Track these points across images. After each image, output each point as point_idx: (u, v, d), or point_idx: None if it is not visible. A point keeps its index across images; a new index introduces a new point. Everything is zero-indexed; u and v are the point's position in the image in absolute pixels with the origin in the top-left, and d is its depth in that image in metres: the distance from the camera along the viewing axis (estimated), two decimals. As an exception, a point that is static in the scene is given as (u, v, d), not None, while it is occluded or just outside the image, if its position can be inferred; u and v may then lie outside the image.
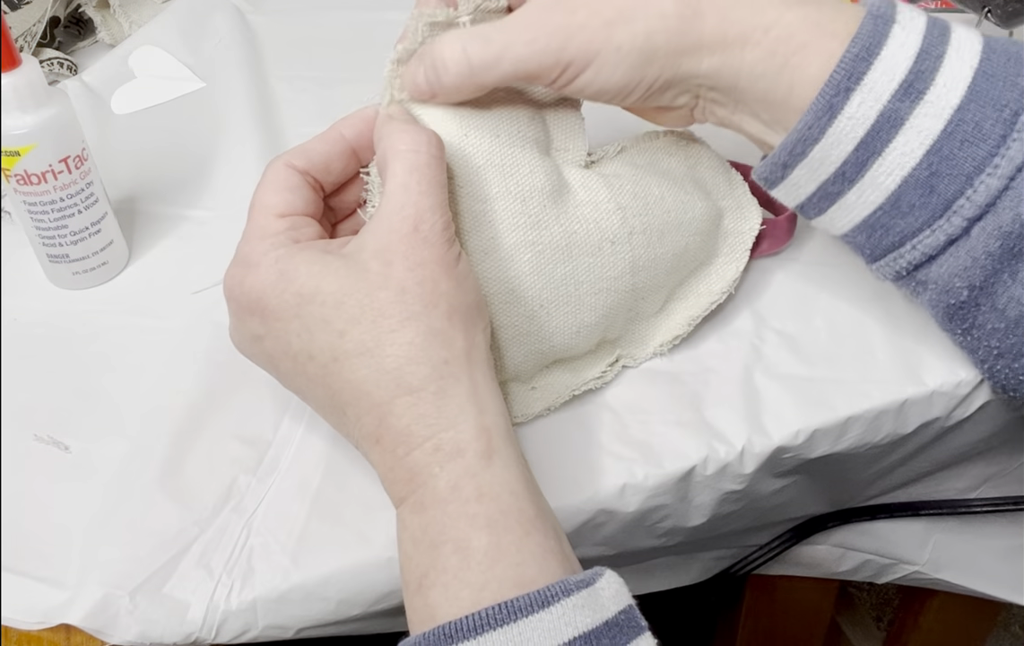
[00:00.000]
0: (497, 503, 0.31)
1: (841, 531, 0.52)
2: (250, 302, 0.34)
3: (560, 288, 0.38)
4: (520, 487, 0.32)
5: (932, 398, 0.41)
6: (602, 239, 0.38)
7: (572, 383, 0.41)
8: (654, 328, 0.43)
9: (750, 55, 0.36)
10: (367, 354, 0.32)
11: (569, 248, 0.38)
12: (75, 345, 0.46)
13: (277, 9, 0.72)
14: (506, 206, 0.37)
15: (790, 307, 0.45)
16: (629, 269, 0.39)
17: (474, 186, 0.37)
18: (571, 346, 0.40)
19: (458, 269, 0.33)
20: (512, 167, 0.37)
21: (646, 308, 0.41)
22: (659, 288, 0.41)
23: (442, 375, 0.32)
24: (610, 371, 0.42)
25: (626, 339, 0.42)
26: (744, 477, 0.40)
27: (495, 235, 0.37)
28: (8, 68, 0.43)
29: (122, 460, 0.40)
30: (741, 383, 0.41)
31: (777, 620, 0.67)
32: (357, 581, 0.36)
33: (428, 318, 0.32)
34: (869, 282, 0.45)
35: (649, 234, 0.39)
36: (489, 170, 0.37)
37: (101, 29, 0.70)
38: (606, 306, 0.39)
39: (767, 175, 0.38)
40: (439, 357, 0.32)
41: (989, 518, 0.51)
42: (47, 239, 0.47)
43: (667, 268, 0.41)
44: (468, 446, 0.31)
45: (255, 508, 0.38)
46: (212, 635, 0.35)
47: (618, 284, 0.39)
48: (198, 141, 0.59)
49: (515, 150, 0.37)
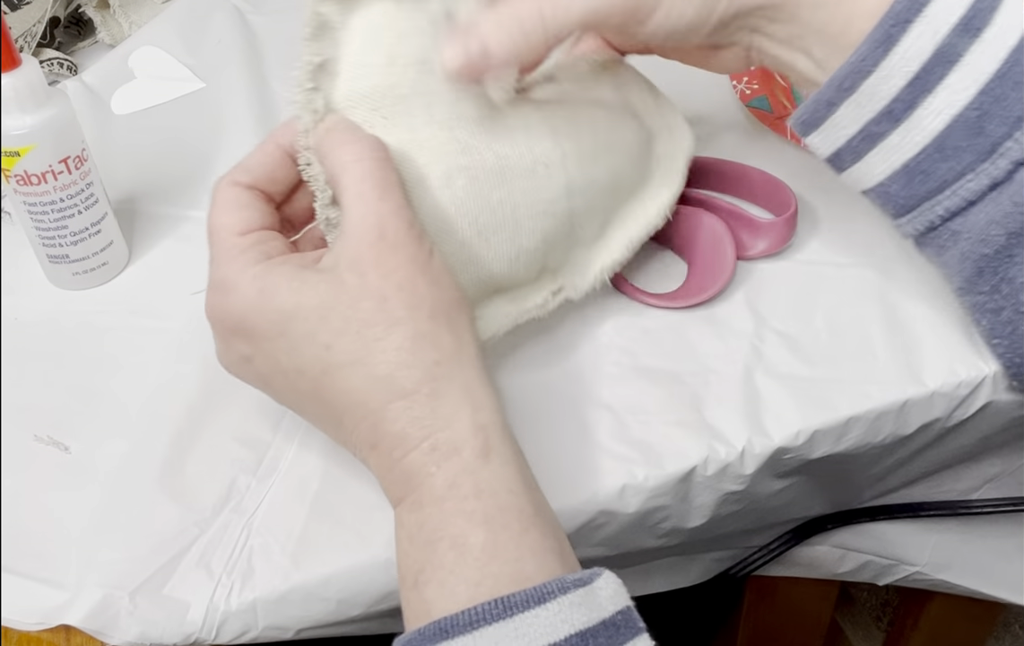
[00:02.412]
0: (495, 500, 0.31)
1: (841, 532, 0.52)
2: (234, 324, 0.34)
3: (496, 213, 0.38)
4: (518, 484, 0.32)
5: (933, 399, 0.41)
6: (535, 162, 0.38)
7: (513, 312, 0.41)
8: (594, 255, 0.42)
9: None
10: (357, 363, 0.32)
11: (503, 172, 0.37)
12: (75, 345, 0.46)
13: (277, 9, 0.72)
14: (432, 134, 0.37)
15: (790, 307, 0.44)
16: (565, 192, 0.39)
17: (399, 116, 0.36)
18: (511, 274, 0.39)
19: (432, 267, 0.33)
20: (437, 95, 0.37)
21: (584, 234, 0.41)
22: (596, 212, 0.41)
23: (434, 376, 0.32)
24: (552, 299, 0.41)
25: (567, 267, 0.42)
26: (744, 478, 0.40)
27: (426, 163, 0.36)
28: (8, 68, 0.43)
29: (122, 460, 0.40)
30: (741, 383, 0.41)
31: (777, 621, 0.67)
32: (357, 582, 0.36)
33: (413, 322, 0.32)
34: (870, 282, 0.45)
35: (582, 157, 0.39)
36: (413, 99, 0.36)
37: (101, 29, 0.70)
38: (544, 230, 0.39)
39: (808, 117, 0.38)
40: (429, 359, 0.32)
41: (990, 519, 0.51)
42: (47, 239, 0.47)
43: (602, 190, 0.41)
44: (465, 444, 0.31)
45: (255, 509, 0.38)
46: (212, 636, 0.35)
47: (555, 207, 0.39)
48: (198, 141, 0.59)
49: (440, 78, 0.37)
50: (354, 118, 0.36)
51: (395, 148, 0.36)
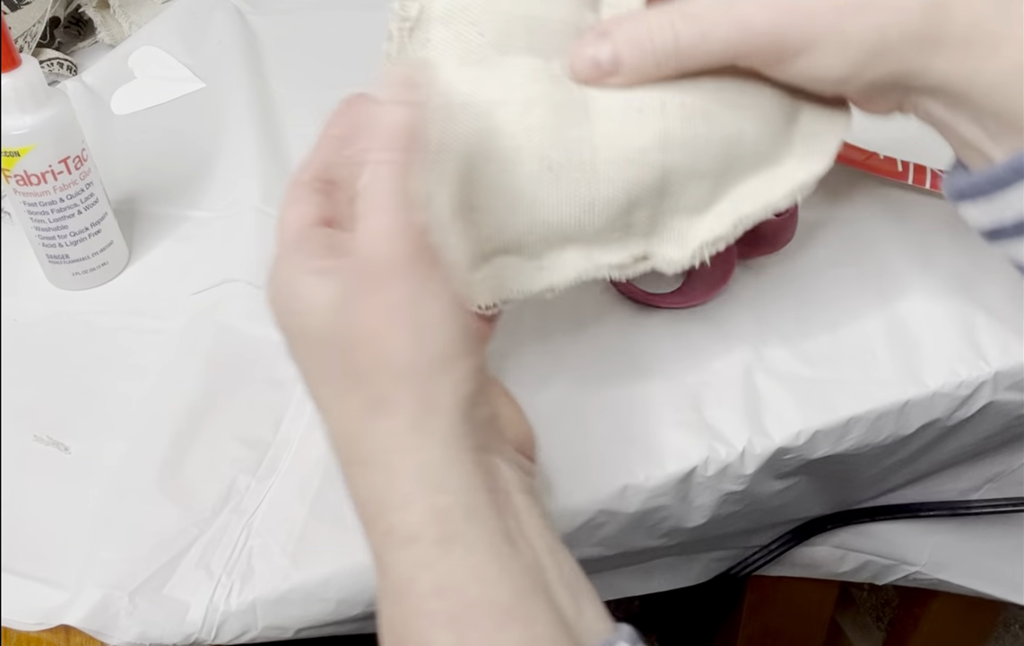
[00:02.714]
0: (460, 596, 0.27)
1: (841, 532, 0.52)
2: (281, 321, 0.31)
3: (572, 150, 0.34)
4: (493, 570, 0.27)
5: (933, 399, 0.41)
6: (627, 105, 0.34)
7: (582, 266, 0.36)
8: (694, 226, 0.37)
9: (993, 64, 0.32)
10: (326, 411, 0.30)
11: (587, 110, 0.34)
12: (75, 345, 0.46)
13: (277, 9, 0.72)
14: (527, 61, 0.34)
15: (790, 307, 0.44)
16: (658, 142, 0.34)
17: (497, 34, 0.34)
18: (584, 223, 0.35)
19: (424, 315, 0.28)
20: (540, 21, 0.34)
21: (684, 199, 0.36)
22: (700, 176, 0.36)
23: (388, 448, 0.28)
24: (633, 265, 0.37)
25: (660, 233, 0.37)
26: (745, 478, 0.40)
27: (509, 86, 0.34)
28: (8, 68, 0.43)
29: (122, 461, 0.40)
30: (741, 384, 0.41)
31: (777, 621, 0.67)
32: (356, 582, 0.36)
33: (373, 383, 0.28)
34: (870, 282, 0.45)
35: (688, 109, 0.35)
36: (515, 21, 0.34)
37: (101, 29, 0.70)
38: (628, 180, 0.35)
39: (970, 190, 0.35)
40: (384, 429, 0.28)
41: (990, 519, 0.51)
42: (47, 240, 0.47)
43: (712, 153, 0.35)
44: (421, 532, 0.27)
45: (255, 509, 0.38)
46: (212, 636, 0.35)
47: (643, 157, 0.34)
48: (198, 141, 0.59)
49: (547, 4, 0.34)
50: (449, 30, 0.34)
51: (484, 66, 0.34)
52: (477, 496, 0.28)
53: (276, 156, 0.57)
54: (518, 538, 0.28)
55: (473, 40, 0.34)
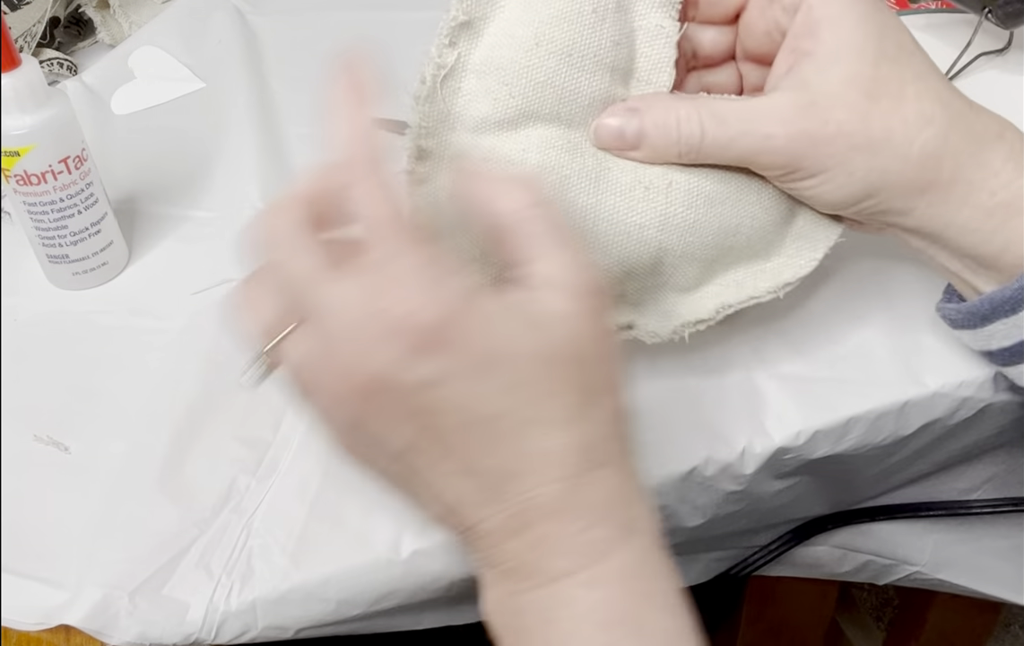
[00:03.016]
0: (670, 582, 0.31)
1: (842, 532, 0.51)
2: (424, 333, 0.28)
3: (575, 219, 0.36)
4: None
5: (934, 399, 0.41)
6: (636, 182, 0.36)
7: None
8: (679, 304, 0.39)
9: (967, 213, 0.35)
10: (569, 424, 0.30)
11: (598, 181, 0.36)
12: (75, 345, 0.46)
13: (277, 9, 0.72)
14: (549, 129, 0.35)
15: (791, 308, 0.44)
16: (658, 222, 0.36)
17: (526, 99, 0.35)
18: None
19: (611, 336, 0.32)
20: (572, 93, 0.35)
21: (675, 278, 0.38)
22: (692, 259, 0.38)
23: (623, 452, 0.31)
24: (618, 332, 0.39)
25: (648, 307, 0.39)
26: (744, 478, 0.40)
27: (526, 149, 0.35)
28: (8, 68, 0.43)
29: (122, 460, 0.40)
30: (741, 383, 0.41)
31: (777, 621, 0.67)
32: (357, 582, 0.36)
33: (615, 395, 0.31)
34: (870, 282, 0.45)
35: (692, 194, 0.36)
36: (547, 89, 0.35)
37: (101, 29, 0.70)
38: (624, 253, 0.37)
39: (960, 320, 0.38)
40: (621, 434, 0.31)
41: (990, 519, 0.51)
42: (47, 239, 0.47)
43: (706, 240, 0.37)
44: (647, 529, 0.31)
45: (255, 509, 0.38)
46: (212, 636, 0.35)
47: (642, 233, 0.36)
48: (198, 141, 0.59)
49: (582, 75, 0.35)
50: (480, 85, 0.35)
51: (506, 126, 0.35)
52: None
53: (276, 156, 0.57)
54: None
55: (503, 99, 0.35)
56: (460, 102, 0.35)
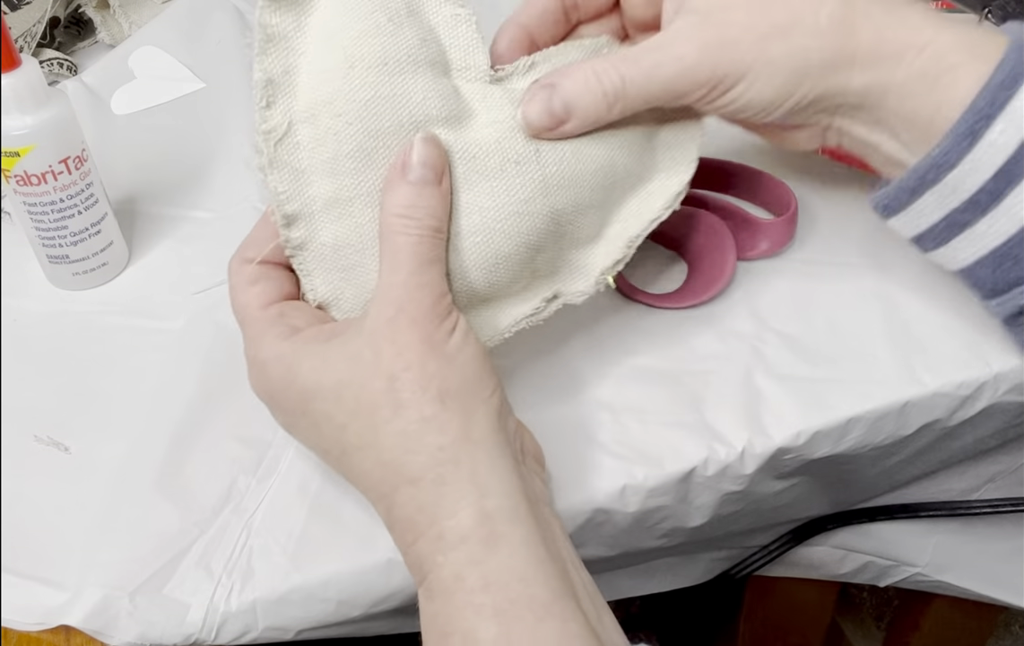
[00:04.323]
0: (505, 592, 0.29)
1: (842, 533, 0.52)
2: (270, 400, 0.35)
3: (466, 217, 0.36)
4: (531, 571, 0.30)
5: (934, 399, 0.41)
6: (504, 160, 0.36)
7: (500, 323, 0.39)
8: (592, 256, 0.40)
9: (902, 73, 0.35)
10: (368, 447, 0.32)
11: (468, 176, 0.36)
12: (75, 345, 0.46)
13: (277, 9, 0.72)
14: (399, 140, 0.35)
15: (790, 307, 0.44)
16: (540, 190, 0.37)
17: (364, 122, 0.35)
18: (493, 282, 0.37)
19: (449, 345, 0.32)
20: (403, 97, 0.35)
21: (577, 233, 0.39)
22: (586, 209, 0.38)
23: (439, 462, 0.31)
24: (546, 306, 0.39)
25: (562, 271, 0.40)
26: (744, 478, 0.40)
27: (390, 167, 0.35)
28: (8, 68, 0.43)
29: (122, 461, 0.40)
30: (741, 384, 0.41)
31: (777, 621, 0.67)
32: (357, 582, 0.36)
33: (419, 405, 0.31)
34: (870, 282, 0.45)
35: (561, 151, 0.37)
36: (377, 103, 0.35)
37: (101, 29, 0.70)
38: (522, 232, 0.37)
39: (889, 201, 0.38)
40: (433, 444, 0.31)
41: (990, 520, 0.51)
42: (47, 240, 0.47)
43: (591, 186, 0.38)
44: (470, 534, 0.30)
45: (255, 509, 0.38)
46: (212, 636, 0.35)
47: (530, 207, 0.37)
48: (198, 141, 0.59)
49: (404, 78, 0.35)
50: (317, 128, 0.35)
51: (358, 155, 0.35)
52: (517, 499, 0.31)
53: (276, 156, 0.57)
54: (551, 543, 0.31)
55: (342, 131, 0.35)
56: (304, 155, 0.35)
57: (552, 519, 0.33)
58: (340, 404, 0.32)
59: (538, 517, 0.32)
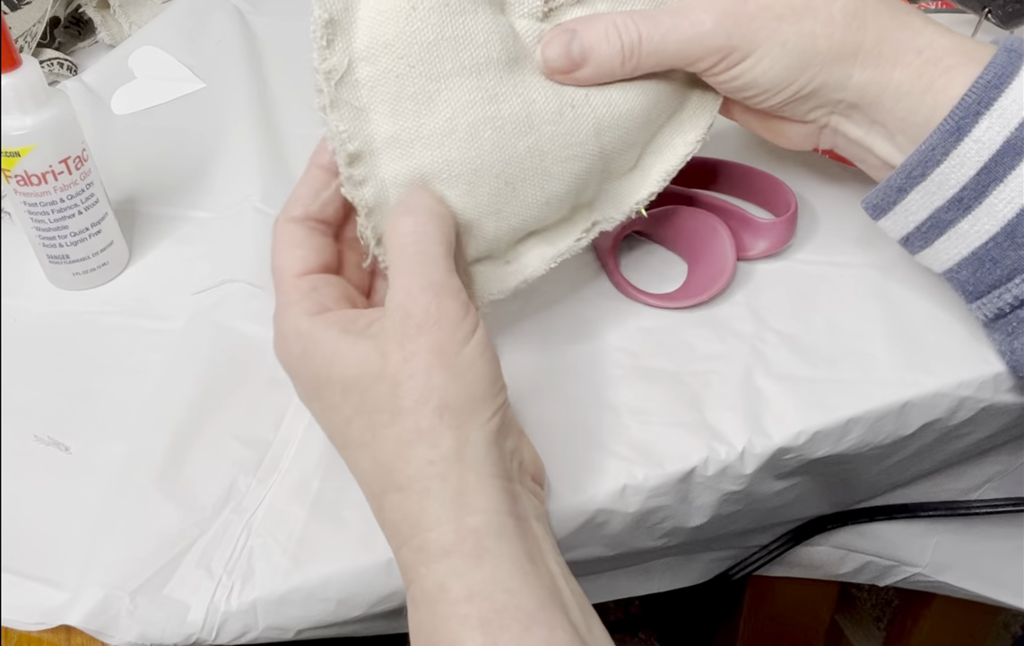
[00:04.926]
0: (490, 602, 0.29)
1: (842, 533, 0.52)
2: (289, 371, 0.35)
3: (524, 162, 0.37)
4: (517, 583, 0.30)
5: (934, 399, 0.41)
6: (562, 105, 0.37)
7: (547, 254, 0.40)
8: (628, 186, 0.41)
9: (899, 74, 0.36)
10: (366, 446, 0.32)
11: (530, 119, 0.36)
12: (75, 345, 0.46)
13: (277, 9, 0.72)
14: (462, 83, 0.35)
15: (790, 307, 0.44)
16: (593, 132, 0.38)
17: (426, 64, 0.35)
18: (543, 218, 0.39)
19: (461, 357, 0.32)
20: (465, 39, 0.35)
21: (618, 166, 0.40)
22: (630, 146, 0.40)
23: (426, 475, 0.31)
24: (586, 236, 0.41)
25: (601, 201, 0.41)
26: (744, 478, 0.40)
27: (452, 115, 0.35)
28: (8, 69, 0.43)
29: (122, 460, 0.40)
30: (742, 384, 0.41)
31: (777, 621, 0.67)
32: (357, 582, 0.36)
33: (416, 415, 0.31)
34: (870, 282, 0.45)
35: (609, 92, 0.38)
36: (441, 45, 0.35)
37: (101, 29, 0.70)
38: (574, 173, 0.38)
39: (879, 201, 0.39)
40: (424, 457, 0.31)
41: (990, 520, 0.51)
42: (47, 240, 0.47)
43: (636, 125, 0.39)
44: (453, 548, 0.30)
45: (255, 509, 0.38)
46: (212, 636, 0.35)
47: (584, 149, 0.38)
48: (198, 141, 0.59)
49: (466, 19, 0.35)
50: (376, 67, 0.35)
51: (420, 97, 0.35)
52: (504, 518, 0.31)
53: (276, 156, 0.57)
54: (537, 558, 0.31)
55: (404, 73, 0.35)
56: (364, 94, 0.35)
57: (542, 534, 0.32)
58: (346, 399, 0.32)
59: (525, 533, 0.31)
